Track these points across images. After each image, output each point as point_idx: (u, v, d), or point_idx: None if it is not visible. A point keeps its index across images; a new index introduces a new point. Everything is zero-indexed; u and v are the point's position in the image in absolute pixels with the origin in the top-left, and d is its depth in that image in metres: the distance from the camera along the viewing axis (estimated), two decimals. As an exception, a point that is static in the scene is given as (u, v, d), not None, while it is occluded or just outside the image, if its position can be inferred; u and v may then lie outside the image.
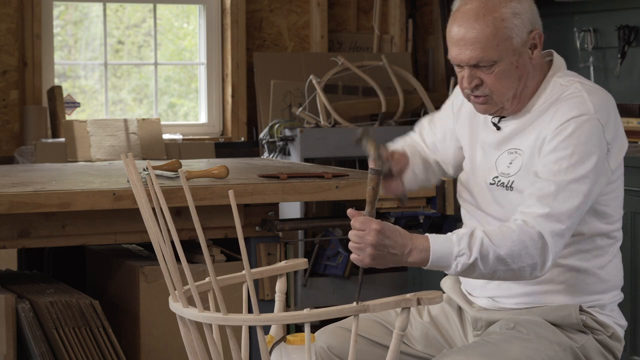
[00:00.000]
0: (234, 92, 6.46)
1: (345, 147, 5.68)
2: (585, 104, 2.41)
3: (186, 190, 2.15)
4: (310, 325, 2.16)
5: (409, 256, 2.32)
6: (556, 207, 2.33)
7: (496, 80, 2.44)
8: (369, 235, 2.31)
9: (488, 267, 2.30)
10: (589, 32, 5.44)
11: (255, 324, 2.16)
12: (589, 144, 2.38)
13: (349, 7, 6.74)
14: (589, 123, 2.39)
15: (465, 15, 2.43)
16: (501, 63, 2.42)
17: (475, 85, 2.47)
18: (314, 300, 5.51)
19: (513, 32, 2.42)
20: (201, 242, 2.16)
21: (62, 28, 6.43)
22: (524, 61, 2.45)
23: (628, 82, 5.30)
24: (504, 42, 2.41)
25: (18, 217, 3.11)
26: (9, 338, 3.18)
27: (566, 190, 2.35)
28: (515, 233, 2.31)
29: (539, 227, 2.32)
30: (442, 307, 2.66)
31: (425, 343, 2.63)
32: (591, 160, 2.38)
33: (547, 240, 2.31)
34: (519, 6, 2.43)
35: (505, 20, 2.41)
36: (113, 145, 5.78)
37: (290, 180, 3.34)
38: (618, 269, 2.56)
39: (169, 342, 3.34)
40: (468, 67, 2.45)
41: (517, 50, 2.43)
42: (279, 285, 2.59)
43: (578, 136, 2.38)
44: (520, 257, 2.30)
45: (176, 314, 2.29)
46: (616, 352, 2.52)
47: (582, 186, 2.36)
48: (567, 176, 2.36)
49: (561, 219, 2.33)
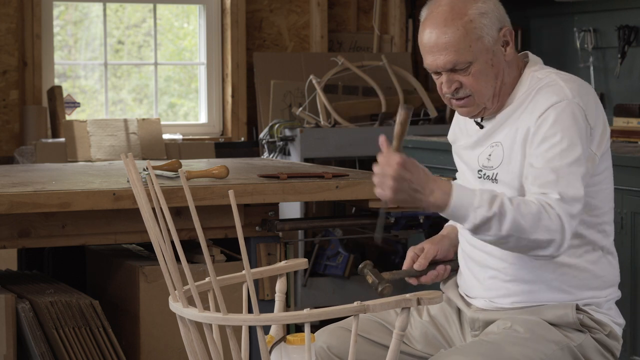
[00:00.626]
0: (234, 92, 6.46)
1: (345, 147, 5.69)
2: (563, 90, 2.44)
3: (186, 190, 2.15)
4: (310, 325, 2.16)
5: (430, 195, 2.31)
6: (564, 191, 2.34)
7: (474, 80, 2.47)
8: (390, 168, 2.28)
9: (504, 228, 2.30)
10: (589, 32, 5.44)
11: (255, 324, 2.16)
12: (574, 127, 2.40)
13: (349, 7, 6.74)
14: (569, 107, 2.41)
15: (434, 22, 2.46)
16: (476, 63, 2.46)
17: (455, 89, 2.49)
18: (314, 300, 5.51)
19: (483, 31, 2.45)
20: (201, 242, 2.16)
21: (62, 28, 6.43)
22: (498, 59, 2.49)
23: (628, 82, 5.30)
24: (476, 43, 2.45)
25: (18, 217, 3.11)
26: (9, 338, 3.18)
27: (566, 174, 2.36)
28: (535, 205, 2.31)
29: (557, 208, 2.32)
30: (442, 306, 2.67)
31: (425, 342, 2.64)
32: (580, 143, 2.40)
33: (564, 221, 2.32)
34: (485, 6, 2.47)
35: (474, 21, 2.45)
36: (113, 145, 5.78)
37: (290, 180, 3.34)
38: (612, 265, 2.55)
39: (169, 342, 3.34)
40: (445, 72, 2.48)
41: (490, 49, 2.47)
42: (279, 285, 2.59)
43: (562, 120, 2.40)
44: (538, 229, 2.30)
45: (176, 314, 2.29)
46: (614, 350, 2.52)
47: (579, 168, 2.38)
48: (563, 161, 2.37)
49: (571, 202, 2.34)
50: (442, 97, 2.55)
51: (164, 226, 2.22)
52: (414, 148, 5.33)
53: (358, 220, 3.72)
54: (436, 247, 2.67)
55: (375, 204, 3.39)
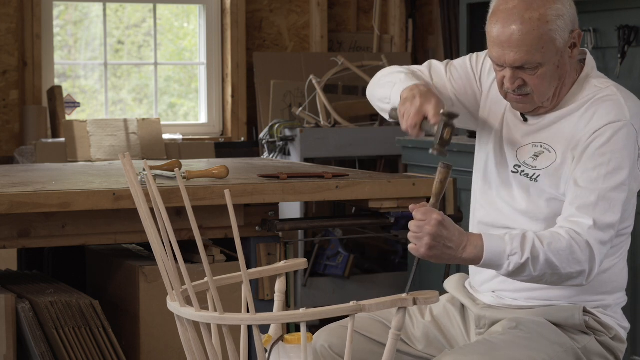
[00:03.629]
0: (234, 92, 6.46)
1: (345, 147, 5.69)
2: (622, 109, 2.41)
3: (182, 189, 2.15)
4: (306, 325, 2.17)
5: (464, 252, 2.33)
6: (599, 218, 2.35)
7: (539, 81, 2.43)
8: (428, 225, 2.30)
9: (538, 268, 2.33)
10: (589, 32, 5.43)
11: (251, 323, 2.16)
12: (624, 151, 2.39)
13: (349, 7, 6.74)
14: (625, 129, 2.39)
15: (508, 16, 2.39)
16: (546, 65, 2.42)
17: (518, 86, 2.45)
18: (314, 300, 5.51)
19: (557, 34, 2.39)
20: (198, 242, 2.17)
21: (62, 28, 6.43)
22: (565, 60, 2.45)
23: (628, 82, 5.30)
24: (548, 45, 2.39)
25: (18, 217, 3.11)
26: (9, 338, 3.18)
27: (606, 199, 2.36)
28: (564, 239, 2.33)
29: (587, 236, 2.34)
30: (445, 306, 2.66)
31: (426, 343, 2.63)
32: (627, 167, 2.39)
33: (594, 249, 2.34)
34: (562, 7, 2.41)
35: (550, 23, 2.38)
36: (113, 145, 5.78)
37: (290, 180, 3.34)
38: (623, 270, 2.56)
39: (169, 342, 3.34)
40: (511, 68, 2.43)
41: (559, 51, 2.42)
42: (278, 285, 2.60)
43: (615, 142, 2.38)
44: (569, 263, 2.33)
45: (174, 313, 2.29)
46: (618, 353, 2.52)
47: (621, 194, 2.38)
48: (606, 184, 2.37)
49: (605, 229, 2.35)
50: (500, 89, 2.50)
51: (162, 226, 2.22)
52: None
53: (358, 220, 3.72)
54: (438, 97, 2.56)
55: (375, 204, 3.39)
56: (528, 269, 2.33)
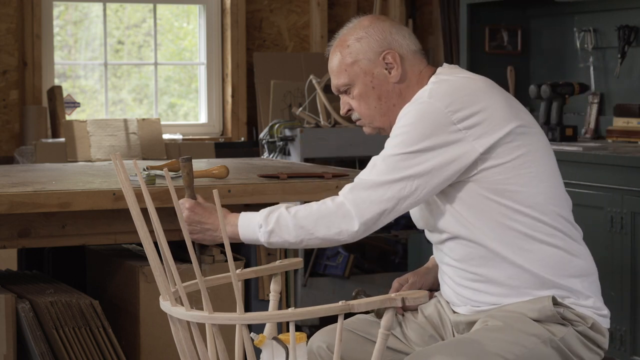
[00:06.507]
0: (234, 92, 6.46)
1: (345, 147, 5.69)
2: (421, 94, 2.50)
3: (171, 189, 2.17)
4: (294, 324, 2.19)
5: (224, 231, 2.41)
6: (363, 178, 2.45)
7: (357, 103, 2.60)
8: (183, 214, 2.53)
9: (291, 235, 2.45)
10: (589, 32, 5.44)
11: (239, 323, 2.19)
12: (419, 124, 2.42)
13: (349, 7, 6.74)
14: (420, 106, 2.45)
15: (331, 49, 2.63)
16: (356, 86, 2.58)
17: (347, 110, 2.63)
18: (314, 300, 5.51)
19: (358, 55, 2.56)
20: (187, 242, 2.19)
21: (62, 28, 6.44)
22: (380, 81, 2.57)
23: (628, 82, 5.30)
24: (350, 67, 2.57)
25: (18, 217, 3.11)
26: (9, 338, 3.18)
27: (383, 163, 2.44)
28: (315, 206, 2.45)
29: (342, 197, 2.44)
30: (436, 306, 2.67)
31: (422, 343, 2.64)
32: (425, 140, 2.41)
33: (349, 208, 2.41)
34: (363, 32, 2.58)
35: (350, 47, 2.57)
36: (113, 145, 5.78)
37: (290, 180, 3.34)
38: (577, 247, 2.51)
39: (169, 342, 3.33)
40: (340, 94, 2.64)
41: (368, 72, 2.57)
42: (274, 285, 2.62)
43: (406, 118, 2.46)
44: (322, 226, 2.43)
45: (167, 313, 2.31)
46: (600, 343, 2.50)
47: (406, 162, 2.42)
48: (387, 152, 2.45)
49: (365, 187, 2.42)
50: None
51: (156, 226, 2.24)
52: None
53: (358, 220, 3.71)
54: (421, 279, 2.74)
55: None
56: (281, 237, 2.45)
